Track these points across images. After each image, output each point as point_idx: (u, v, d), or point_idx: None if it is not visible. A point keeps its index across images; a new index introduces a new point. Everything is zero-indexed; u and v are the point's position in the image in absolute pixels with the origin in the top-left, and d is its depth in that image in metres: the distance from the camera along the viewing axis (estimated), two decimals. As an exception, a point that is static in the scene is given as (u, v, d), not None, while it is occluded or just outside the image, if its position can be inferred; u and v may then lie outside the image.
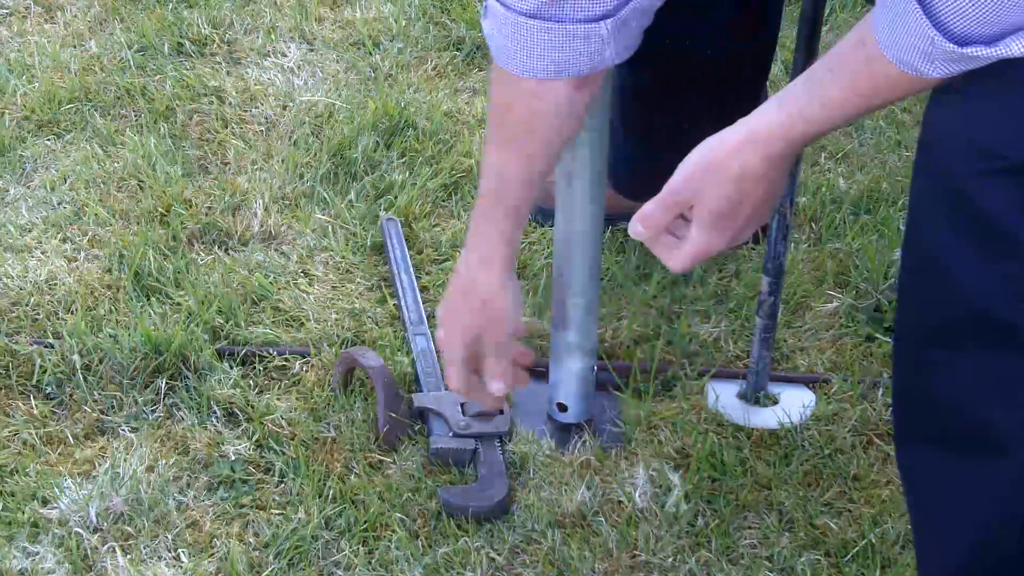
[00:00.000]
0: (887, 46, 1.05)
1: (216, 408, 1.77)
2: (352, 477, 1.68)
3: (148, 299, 1.96)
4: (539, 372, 1.84)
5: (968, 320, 1.06)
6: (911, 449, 1.18)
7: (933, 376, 1.11)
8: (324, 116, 2.41)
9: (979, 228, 1.03)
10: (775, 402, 1.81)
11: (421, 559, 1.57)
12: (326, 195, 2.20)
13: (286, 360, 1.86)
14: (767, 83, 2.07)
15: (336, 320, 1.94)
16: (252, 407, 1.77)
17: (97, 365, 1.82)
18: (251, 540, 1.60)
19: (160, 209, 2.15)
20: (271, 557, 1.57)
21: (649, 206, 1.26)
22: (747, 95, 1.89)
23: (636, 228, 1.28)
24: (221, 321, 1.91)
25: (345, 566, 1.57)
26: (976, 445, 1.09)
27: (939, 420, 1.12)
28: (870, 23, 1.08)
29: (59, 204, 2.17)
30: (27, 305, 1.94)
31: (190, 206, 2.17)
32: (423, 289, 2.01)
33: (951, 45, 1.00)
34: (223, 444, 1.72)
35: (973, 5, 0.97)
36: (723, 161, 1.21)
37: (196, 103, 2.46)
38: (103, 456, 1.70)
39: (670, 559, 1.58)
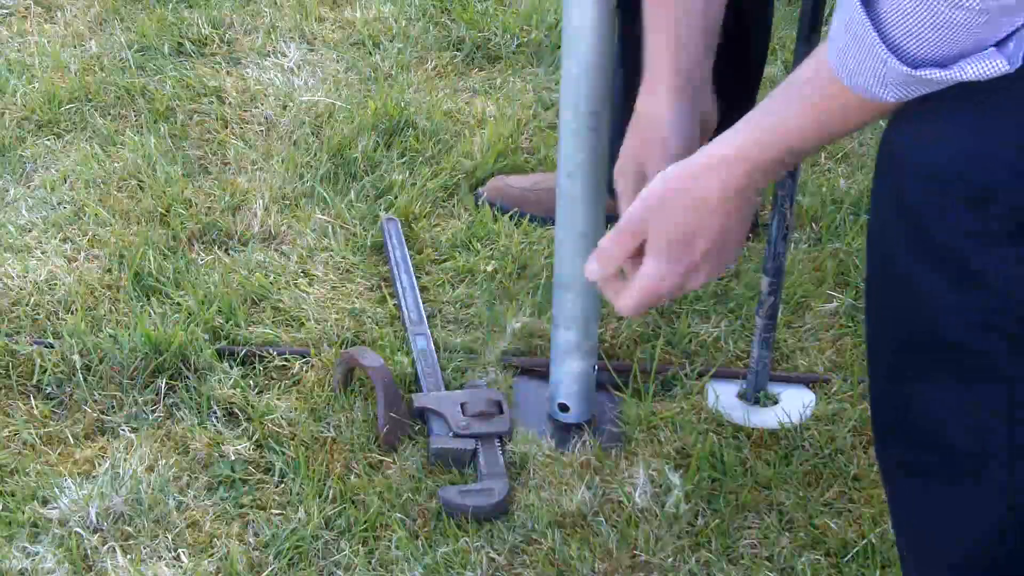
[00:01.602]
0: (841, 69, 1.03)
1: (216, 408, 1.77)
2: (352, 477, 1.68)
3: (148, 299, 1.95)
4: (539, 372, 1.84)
5: (936, 347, 1.04)
6: (891, 473, 1.16)
7: (906, 401, 1.09)
8: (324, 116, 2.41)
9: (941, 258, 1.01)
10: (775, 402, 1.81)
11: (421, 559, 1.57)
12: (326, 195, 2.20)
13: (286, 360, 1.86)
14: (757, 93, 2.07)
15: (336, 320, 1.94)
16: (252, 407, 1.77)
17: (97, 365, 1.81)
18: (251, 540, 1.60)
19: (160, 209, 2.15)
20: (271, 557, 1.57)
21: (604, 240, 1.23)
22: (736, 105, 1.90)
23: (591, 266, 1.24)
24: (221, 321, 1.91)
25: (345, 566, 1.57)
26: (949, 469, 1.08)
27: (914, 444, 1.11)
28: (825, 47, 1.06)
29: (59, 204, 2.17)
30: (27, 305, 1.94)
31: (190, 206, 2.17)
32: (423, 289, 2.01)
33: (904, 67, 0.97)
34: (223, 444, 1.72)
35: (926, 27, 0.95)
36: (680, 188, 1.19)
37: (196, 103, 2.46)
38: (103, 456, 1.70)
39: (670, 559, 1.58)
